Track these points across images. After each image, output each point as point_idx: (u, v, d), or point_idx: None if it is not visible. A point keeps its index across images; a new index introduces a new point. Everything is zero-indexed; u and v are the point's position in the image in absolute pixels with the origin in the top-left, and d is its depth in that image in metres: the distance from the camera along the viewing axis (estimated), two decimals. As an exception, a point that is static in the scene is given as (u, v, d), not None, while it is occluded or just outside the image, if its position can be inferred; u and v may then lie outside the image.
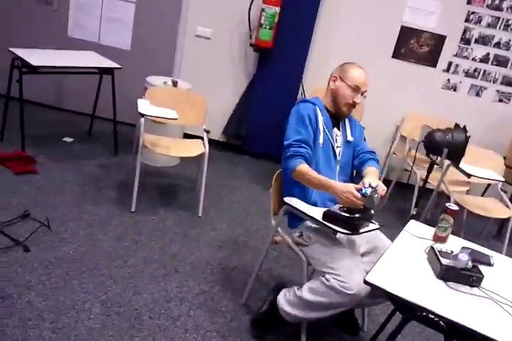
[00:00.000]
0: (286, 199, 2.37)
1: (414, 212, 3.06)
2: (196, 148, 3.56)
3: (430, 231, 2.24)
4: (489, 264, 1.87)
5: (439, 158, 2.92)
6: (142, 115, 3.28)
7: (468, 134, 2.81)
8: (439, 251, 1.97)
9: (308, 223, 2.35)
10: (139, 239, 3.18)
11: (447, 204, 2.15)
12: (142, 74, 4.36)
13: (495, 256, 2.09)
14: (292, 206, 2.33)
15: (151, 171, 4.21)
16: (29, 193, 3.46)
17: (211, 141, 4.82)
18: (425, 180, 3.00)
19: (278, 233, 2.54)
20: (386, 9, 4.43)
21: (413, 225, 2.34)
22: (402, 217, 4.05)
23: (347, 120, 2.53)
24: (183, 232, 3.37)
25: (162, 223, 3.44)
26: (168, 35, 4.76)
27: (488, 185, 4.31)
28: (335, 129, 2.47)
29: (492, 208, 3.69)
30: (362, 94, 2.37)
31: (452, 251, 1.98)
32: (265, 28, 4.28)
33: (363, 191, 2.10)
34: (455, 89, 4.62)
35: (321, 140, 2.38)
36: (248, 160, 4.92)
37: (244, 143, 4.86)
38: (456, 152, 2.80)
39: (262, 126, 4.63)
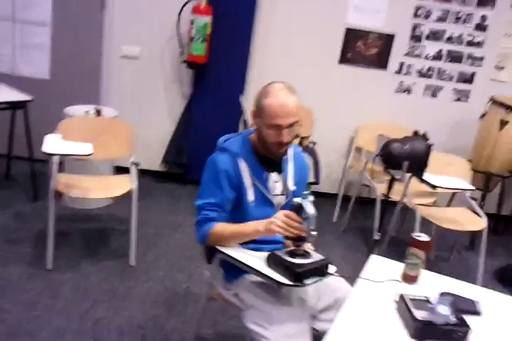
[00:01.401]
0: (220, 247, 1.85)
1: (378, 237, 2.58)
2: (121, 186, 3.02)
3: (398, 266, 1.75)
4: (476, 313, 1.38)
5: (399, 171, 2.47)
6: (48, 154, 2.73)
7: (429, 142, 2.37)
8: (411, 300, 1.48)
9: (248, 277, 1.84)
10: (53, 305, 2.60)
11: (413, 234, 1.68)
12: (64, 104, 3.80)
13: (483, 300, 1.61)
14: (223, 252, 1.81)
15: (79, 215, 3.63)
16: None
17: (150, 173, 4.31)
18: (386, 196, 2.53)
19: (214, 287, 2.02)
20: (328, 10, 4.02)
21: (375, 263, 1.85)
22: (366, 237, 3.57)
23: (290, 160, 2.02)
24: (111, 289, 2.80)
25: (84, 280, 2.86)
26: (91, 58, 4.22)
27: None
28: (272, 175, 1.95)
29: (463, 220, 3.27)
30: (292, 126, 1.81)
31: (427, 298, 1.50)
32: (197, 41, 3.80)
33: (292, 202, 1.67)
34: (409, 92, 4.23)
35: (250, 197, 1.89)
36: (191, 190, 4.35)
37: (186, 172, 4.34)
38: (417, 164, 2.35)
39: (204, 151, 4.07)
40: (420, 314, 1.40)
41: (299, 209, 1.64)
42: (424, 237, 1.65)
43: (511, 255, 3.71)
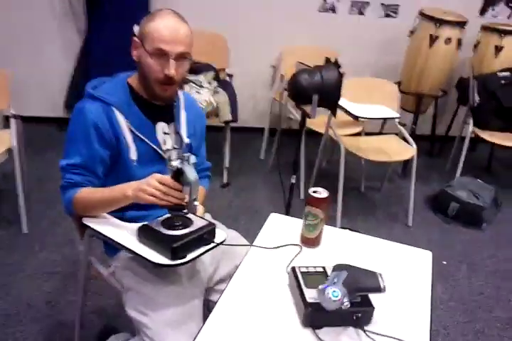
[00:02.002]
0: (88, 221, 1.51)
1: (293, 180, 2.32)
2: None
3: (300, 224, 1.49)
4: (378, 290, 1.14)
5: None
6: None
7: (341, 70, 2.04)
8: (304, 274, 1.23)
9: (125, 252, 1.53)
10: None
11: (311, 190, 1.39)
12: None
13: (389, 270, 1.38)
14: (90, 227, 1.49)
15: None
16: None
17: (54, 120, 3.84)
18: (300, 132, 2.24)
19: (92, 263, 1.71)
20: None
21: (273, 221, 1.58)
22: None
23: (182, 107, 1.66)
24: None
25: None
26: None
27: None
28: (160, 125, 1.60)
29: (391, 149, 3.04)
30: (181, 59, 1.46)
31: (324, 270, 1.25)
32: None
33: (172, 163, 1.31)
34: (334, 10, 3.82)
35: (132, 155, 1.53)
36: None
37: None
38: (329, 96, 2.03)
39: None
40: (311, 295, 1.15)
41: (177, 174, 1.31)
42: (321, 193, 1.37)
43: (445, 179, 3.55)
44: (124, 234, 1.42)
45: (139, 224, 1.39)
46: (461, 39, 3.43)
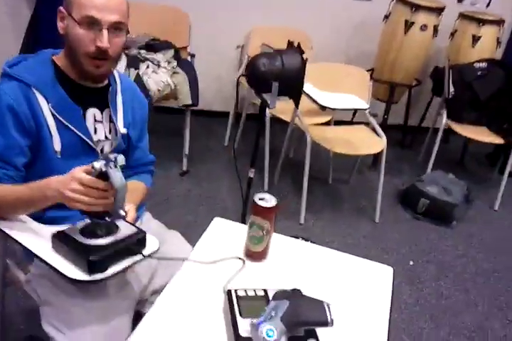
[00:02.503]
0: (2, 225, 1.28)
1: (252, 175, 2.12)
2: None
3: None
4: (325, 324, 0.96)
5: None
6: None
7: (304, 56, 1.83)
8: (240, 298, 1.04)
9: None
10: None
11: (257, 196, 1.19)
12: None
13: (338, 300, 1.19)
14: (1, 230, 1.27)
15: None
16: None
17: None
18: (260, 121, 2.04)
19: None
20: None
21: (216, 227, 1.38)
22: (258, 165, 3.11)
23: (118, 91, 1.43)
24: None
25: None
26: None
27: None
28: (91, 112, 1.38)
29: (360, 141, 2.86)
30: (115, 30, 1.25)
31: (266, 293, 1.06)
32: None
33: (95, 166, 1.08)
34: (306, -12, 3.58)
35: (56, 145, 1.30)
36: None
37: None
38: (291, 84, 1.82)
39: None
40: (246, 327, 0.96)
41: (101, 177, 1.09)
42: (268, 201, 1.18)
43: (416, 172, 3.41)
44: (39, 239, 1.19)
45: (54, 230, 1.18)
46: (438, 26, 3.24)
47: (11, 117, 1.25)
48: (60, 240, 1.13)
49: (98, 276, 1.08)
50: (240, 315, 1.00)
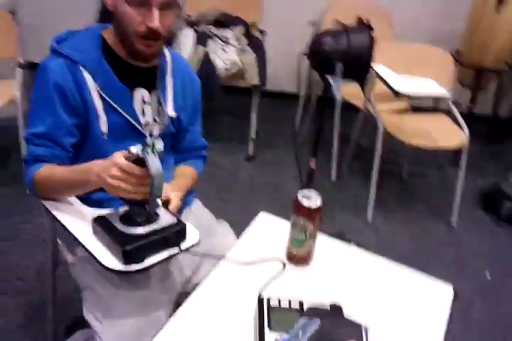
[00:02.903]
0: (48, 204, 1.24)
1: (313, 165, 1.97)
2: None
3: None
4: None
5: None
6: None
7: (373, 33, 1.64)
8: (272, 309, 0.92)
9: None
10: None
11: (300, 193, 1.06)
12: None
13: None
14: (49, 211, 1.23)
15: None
16: None
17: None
18: (322, 106, 1.87)
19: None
20: None
21: (261, 224, 1.26)
22: (326, 153, 2.94)
23: (169, 71, 1.34)
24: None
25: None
26: None
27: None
28: (140, 93, 1.29)
29: (439, 133, 2.58)
30: (166, 8, 1.16)
31: (301, 306, 0.93)
32: None
33: (131, 150, 1.00)
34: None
35: (102, 126, 1.24)
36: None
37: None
38: (356, 66, 1.64)
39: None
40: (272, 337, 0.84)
41: (138, 163, 1.01)
42: (313, 200, 1.04)
43: (503, 172, 3.04)
44: (83, 223, 1.14)
45: (97, 213, 1.12)
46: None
47: (57, 96, 1.20)
48: (100, 225, 1.08)
49: (133, 267, 1.03)
50: (269, 327, 0.88)
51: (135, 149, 0.99)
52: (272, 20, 3.21)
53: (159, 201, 1.07)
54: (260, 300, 0.94)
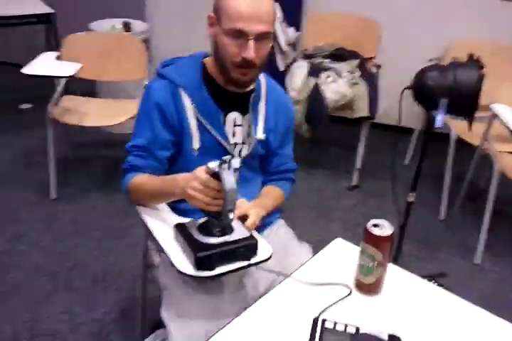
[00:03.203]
0: (141, 208, 1.40)
1: (411, 199, 1.93)
2: (126, 112, 2.64)
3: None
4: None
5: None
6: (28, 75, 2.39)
7: (482, 71, 1.60)
8: (327, 331, 0.94)
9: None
10: (41, 239, 2.41)
11: (371, 222, 1.07)
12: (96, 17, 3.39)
13: None
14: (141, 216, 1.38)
15: (108, 140, 3.34)
16: None
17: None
18: (425, 141, 1.83)
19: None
20: None
21: (335, 248, 1.28)
22: (437, 188, 2.83)
23: (262, 97, 1.44)
24: (109, 227, 2.53)
25: (86, 214, 2.63)
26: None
27: None
28: (233, 116, 1.41)
29: None
30: (261, 39, 1.25)
31: (358, 331, 0.93)
32: None
33: (209, 166, 1.09)
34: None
35: (195, 143, 1.36)
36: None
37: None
38: (463, 102, 1.61)
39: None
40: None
41: (215, 178, 1.11)
42: (383, 228, 1.04)
43: None
44: (168, 229, 1.25)
45: (180, 220, 1.23)
46: None
47: (158, 114, 1.34)
48: (179, 231, 1.18)
49: (204, 273, 1.11)
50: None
51: (213, 165, 1.07)
52: (389, 55, 3.21)
53: (232, 215, 1.12)
54: (315, 320, 0.96)
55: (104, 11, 3.51)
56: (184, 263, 1.14)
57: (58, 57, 2.61)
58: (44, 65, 2.45)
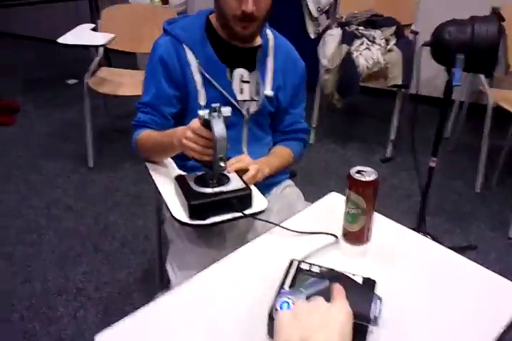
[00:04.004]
0: (148, 163, 1.43)
1: (433, 164, 1.88)
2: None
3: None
4: (365, 319, 0.78)
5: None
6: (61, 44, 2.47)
7: (503, 24, 1.51)
8: (299, 271, 0.94)
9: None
10: (75, 205, 2.52)
11: (355, 168, 1.05)
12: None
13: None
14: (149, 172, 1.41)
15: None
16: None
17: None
18: (444, 102, 1.76)
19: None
20: None
21: (329, 201, 1.26)
22: (474, 162, 2.72)
23: (270, 53, 1.42)
24: (141, 193, 2.61)
25: (118, 181, 2.72)
26: None
27: None
28: (239, 72, 1.40)
29: None
30: None
31: (334, 272, 0.93)
32: None
33: (199, 113, 1.09)
34: None
35: (201, 100, 1.36)
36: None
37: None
38: (480, 58, 1.53)
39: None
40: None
41: (205, 126, 1.12)
42: (366, 175, 1.02)
43: None
44: (171, 183, 1.28)
45: (179, 174, 1.26)
46: None
47: (161, 69, 1.36)
48: (178, 183, 1.21)
49: (196, 221, 1.13)
50: (290, 285, 0.90)
51: (202, 112, 1.08)
52: (429, 21, 3.07)
53: (223, 163, 1.11)
54: (291, 262, 0.96)
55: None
56: (180, 211, 1.16)
57: (94, 29, 2.69)
58: (78, 35, 2.53)
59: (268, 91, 1.42)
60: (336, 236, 1.10)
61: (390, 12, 2.88)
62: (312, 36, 2.83)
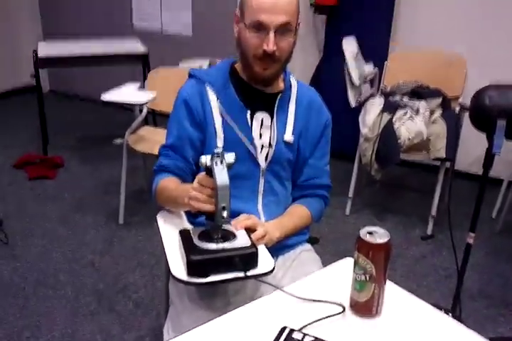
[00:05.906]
0: (159, 215, 1.37)
1: (470, 240, 1.71)
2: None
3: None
4: None
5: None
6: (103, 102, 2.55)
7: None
8: (289, 339, 0.81)
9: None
10: (98, 261, 2.46)
11: (366, 228, 0.93)
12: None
13: None
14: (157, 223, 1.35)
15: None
16: (22, 200, 3.02)
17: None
18: (483, 175, 1.63)
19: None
20: None
21: (343, 267, 1.13)
22: None
23: (293, 98, 1.38)
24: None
25: (146, 241, 2.66)
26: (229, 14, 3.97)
27: None
28: (259, 116, 1.35)
29: None
30: (283, 31, 1.22)
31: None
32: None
33: (201, 160, 1.05)
34: None
35: (219, 142, 1.32)
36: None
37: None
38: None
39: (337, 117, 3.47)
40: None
41: (208, 173, 1.06)
42: (378, 237, 0.90)
43: None
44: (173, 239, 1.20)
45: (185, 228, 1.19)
46: None
47: (185, 111, 1.33)
48: (181, 237, 1.13)
49: (195, 280, 1.04)
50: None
51: (204, 158, 1.02)
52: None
53: (225, 214, 1.04)
54: (282, 329, 0.84)
55: (194, 51, 3.74)
56: (179, 268, 1.07)
57: (140, 89, 2.77)
58: (121, 93, 2.60)
59: (288, 137, 1.35)
60: (343, 307, 0.96)
61: (437, 83, 2.82)
62: (353, 104, 2.79)
